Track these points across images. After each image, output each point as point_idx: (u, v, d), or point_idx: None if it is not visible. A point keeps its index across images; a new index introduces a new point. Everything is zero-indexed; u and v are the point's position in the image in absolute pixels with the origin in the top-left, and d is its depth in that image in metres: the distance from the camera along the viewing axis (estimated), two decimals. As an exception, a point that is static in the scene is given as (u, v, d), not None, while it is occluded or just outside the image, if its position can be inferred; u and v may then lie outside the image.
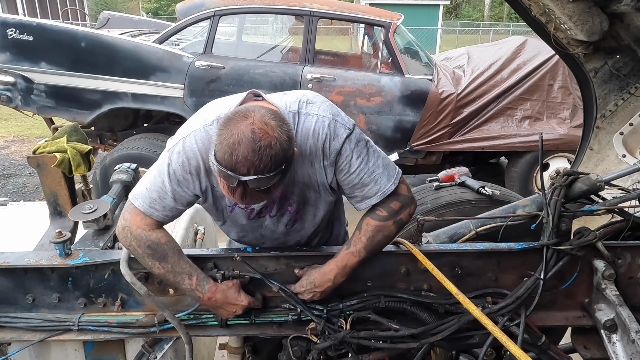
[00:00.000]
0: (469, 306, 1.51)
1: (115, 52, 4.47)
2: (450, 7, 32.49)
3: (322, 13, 4.61)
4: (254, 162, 1.22)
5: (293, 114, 1.43)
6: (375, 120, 4.63)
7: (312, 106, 1.46)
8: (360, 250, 1.53)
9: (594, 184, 1.74)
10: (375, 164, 1.48)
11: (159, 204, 1.46)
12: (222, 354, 2.72)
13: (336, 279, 1.56)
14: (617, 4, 1.83)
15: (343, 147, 1.43)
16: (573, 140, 4.53)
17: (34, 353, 1.75)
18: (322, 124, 1.43)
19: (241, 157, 1.21)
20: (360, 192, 1.50)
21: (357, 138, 1.46)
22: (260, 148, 1.21)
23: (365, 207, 1.53)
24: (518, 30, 21.71)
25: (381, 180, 1.49)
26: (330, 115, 1.44)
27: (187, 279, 1.51)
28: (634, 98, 2.19)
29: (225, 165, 1.23)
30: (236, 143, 1.21)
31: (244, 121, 1.23)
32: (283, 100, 1.47)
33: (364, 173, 1.47)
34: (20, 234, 2.10)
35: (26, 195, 5.72)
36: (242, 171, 1.23)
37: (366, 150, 1.47)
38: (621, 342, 1.57)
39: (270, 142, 1.22)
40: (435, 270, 1.58)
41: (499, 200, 2.32)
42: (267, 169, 1.23)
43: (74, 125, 2.14)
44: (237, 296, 1.57)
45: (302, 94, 1.51)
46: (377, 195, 1.49)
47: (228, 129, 1.24)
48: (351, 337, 1.61)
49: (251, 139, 1.21)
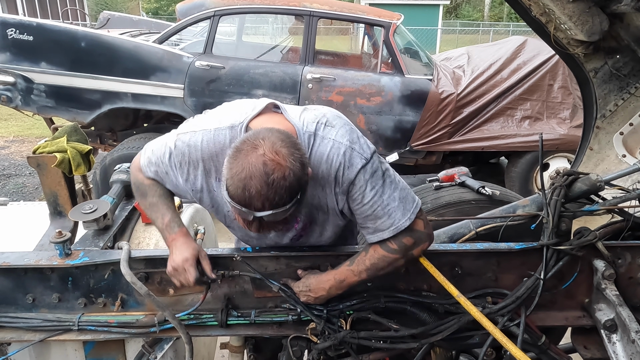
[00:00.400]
0: (470, 308, 1.51)
1: (115, 52, 4.46)
2: (450, 7, 32.49)
3: (322, 13, 4.61)
4: (268, 197, 1.17)
5: (309, 135, 1.38)
6: (375, 120, 4.63)
7: (329, 130, 1.39)
8: (362, 272, 1.50)
9: (594, 184, 1.74)
10: (391, 197, 1.41)
11: (153, 167, 1.53)
12: (222, 354, 2.72)
13: (331, 290, 1.54)
14: (617, 4, 1.83)
15: (357, 177, 1.37)
16: (573, 140, 4.53)
17: (34, 353, 1.75)
18: (337, 150, 1.37)
19: (254, 192, 1.17)
20: (372, 223, 1.44)
21: (374, 168, 1.39)
22: (273, 181, 1.16)
23: (376, 240, 1.46)
24: (518, 30, 21.70)
25: (395, 214, 1.41)
26: (348, 142, 1.38)
27: (160, 217, 1.56)
28: (634, 98, 2.19)
29: (238, 201, 1.20)
30: (248, 178, 1.16)
31: (254, 152, 1.18)
32: (302, 117, 1.42)
33: (378, 205, 1.40)
34: (20, 234, 2.10)
35: (26, 195, 5.72)
36: (256, 206, 1.19)
37: (382, 181, 1.40)
38: (621, 342, 1.57)
39: (283, 173, 1.17)
40: (437, 273, 1.57)
41: (499, 200, 2.32)
42: (282, 201, 1.19)
43: (74, 125, 2.14)
44: (188, 264, 1.48)
45: (322, 113, 1.44)
46: (390, 229, 1.42)
47: (238, 162, 1.19)
48: (351, 338, 1.61)
49: (263, 172, 1.16)
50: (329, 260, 1.64)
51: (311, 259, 1.64)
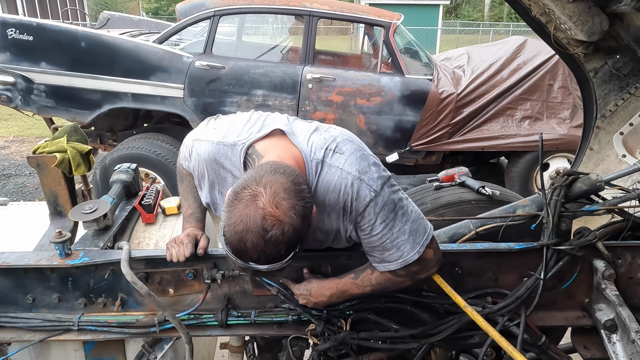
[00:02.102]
0: (477, 318, 1.49)
1: (115, 52, 4.46)
2: (450, 7, 32.48)
3: (322, 13, 4.61)
4: (264, 251, 1.14)
5: (316, 162, 1.33)
6: (375, 120, 4.63)
7: (338, 157, 1.34)
8: (366, 288, 1.49)
9: (594, 184, 1.74)
10: (401, 230, 1.36)
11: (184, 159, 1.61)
12: (222, 354, 2.72)
13: (331, 298, 1.53)
14: (617, 4, 1.83)
15: (366, 210, 1.33)
16: (573, 140, 4.53)
17: (34, 353, 1.75)
18: (344, 181, 1.32)
19: (251, 246, 1.13)
20: (379, 254, 1.40)
21: (384, 201, 1.34)
22: (271, 238, 1.12)
23: (383, 270, 1.43)
24: (518, 30, 21.70)
25: (404, 247, 1.37)
26: (357, 172, 1.32)
27: (185, 207, 1.70)
28: (634, 98, 2.19)
29: (234, 251, 1.17)
30: (245, 231, 1.12)
31: (253, 205, 1.12)
32: (310, 142, 1.37)
33: (387, 238, 1.36)
34: (20, 234, 2.10)
35: (26, 195, 5.72)
36: (252, 259, 1.16)
37: (393, 214, 1.35)
38: (621, 342, 1.57)
39: (282, 228, 1.12)
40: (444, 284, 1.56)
41: (499, 200, 2.32)
42: (278, 256, 1.16)
43: (74, 125, 2.14)
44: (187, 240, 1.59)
45: (332, 137, 1.38)
46: (398, 262, 1.39)
47: (237, 212, 1.13)
48: (351, 338, 1.61)
49: (261, 227, 1.11)
50: (329, 260, 1.64)
51: (311, 259, 1.64)
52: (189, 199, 1.69)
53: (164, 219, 2.20)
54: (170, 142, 4.57)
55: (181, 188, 1.72)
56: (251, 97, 4.54)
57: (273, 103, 4.57)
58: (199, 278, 1.66)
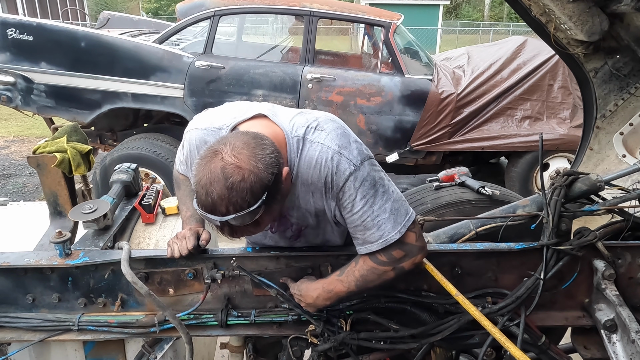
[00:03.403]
0: (469, 307, 1.51)
1: (115, 52, 4.46)
2: (450, 7, 32.48)
3: (322, 13, 4.61)
4: (230, 200, 1.17)
5: (297, 139, 1.37)
6: (375, 120, 4.63)
7: (319, 133, 1.37)
8: (350, 283, 1.47)
9: (594, 184, 1.74)
10: (382, 208, 1.36)
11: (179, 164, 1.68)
12: (222, 354, 2.72)
13: (318, 299, 1.52)
14: (617, 4, 1.83)
15: (346, 184, 1.34)
16: (573, 140, 4.53)
17: (34, 353, 1.75)
18: (325, 155, 1.34)
19: (216, 197, 1.17)
20: (361, 234, 1.41)
21: (364, 176, 1.35)
22: (232, 184, 1.16)
23: (365, 252, 1.43)
24: (518, 30, 21.71)
25: (385, 226, 1.37)
26: (337, 146, 1.34)
27: (184, 210, 1.73)
28: (634, 98, 2.19)
29: (204, 208, 1.21)
30: (209, 184, 1.17)
31: (215, 158, 1.19)
32: (292, 121, 1.41)
33: (367, 216, 1.36)
34: (20, 234, 2.10)
35: (26, 195, 5.72)
36: (221, 211, 1.19)
37: (373, 190, 1.36)
38: (621, 342, 1.57)
39: (243, 175, 1.17)
40: (435, 271, 1.58)
41: (499, 200, 2.32)
42: (245, 203, 1.18)
43: (74, 125, 2.14)
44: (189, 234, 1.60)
45: (315, 117, 1.42)
46: (379, 242, 1.38)
47: (201, 169, 1.20)
48: (351, 339, 1.61)
49: (222, 176, 1.16)
50: (328, 260, 1.64)
51: (311, 259, 1.64)
52: (186, 202, 1.71)
53: (164, 219, 2.21)
54: (170, 142, 4.58)
55: (179, 194, 1.75)
56: (251, 97, 4.54)
57: (273, 103, 4.56)
58: (199, 278, 1.66)
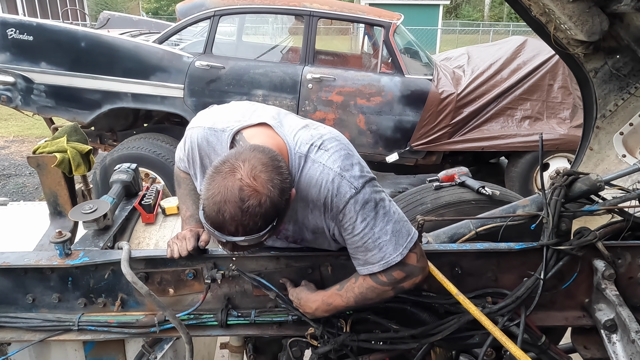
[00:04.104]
0: (469, 306, 1.51)
1: (115, 52, 4.46)
2: (450, 7, 32.49)
3: (322, 13, 4.61)
4: (242, 222, 1.15)
5: (299, 156, 1.36)
6: (375, 120, 4.63)
7: (322, 153, 1.35)
8: (349, 299, 1.47)
9: (594, 184, 1.74)
10: (383, 230, 1.35)
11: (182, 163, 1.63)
12: (222, 354, 2.72)
13: (317, 311, 1.52)
14: (617, 4, 1.83)
15: (346, 207, 1.33)
16: (573, 140, 4.53)
17: (34, 353, 1.75)
18: (326, 177, 1.33)
19: (228, 217, 1.15)
20: (362, 255, 1.39)
21: (365, 199, 1.33)
22: (248, 208, 1.14)
23: (366, 273, 1.41)
24: (518, 30, 21.70)
25: (387, 248, 1.36)
26: (338, 168, 1.33)
27: (184, 210, 1.72)
28: (634, 98, 2.19)
29: (212, 224, 1.19)
30: (223, 202, 1.14)
31: (232, 176, 1.15)
32: (297, 137, 1.39)
33: (368, 238, 1.35)
34: (20, 234, 2.10)
35: (26, 195, 5.72)
36: (229, 231, 1.17)
37: (374, 213, 1.35)
38: (621, 342, 1.57)
39: (259, 199, 1.15)
40: (435, 271, 1.58)
41: (499, 200, 2.32)
42: (256, 227, 1.17)
43: (74, 125, 2.14)
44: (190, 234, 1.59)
45: (320, 134, 1.40)
46: (380, 263, 1.37)
47: (215, 184, 1.16)
48: (351, 340, 1.61)
49: (238, 197, 1.14)
50: (328, 260, 1.64)
51: (311, 259, 1.64)
52: (187, 202, 1.70)
53: (164, 219, 2.21)
54: (170, 142, 4.57)
55: (179, 192, 1.73)
56: (251, 97, 4.53)
57: (273, 103, 4.56)
58: (199, 278, 1.66)
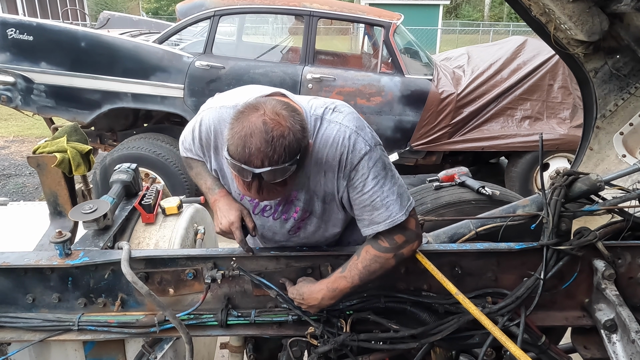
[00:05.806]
0: (469, 306, 1.51)
1: (115, 52, 4.47)
2: (450, 7, 32.48)
3: (322, 13, 4.61)
4: (267, 153, 1.20)
5: (315, 118, 1.41)
6: (375, 120, 4.63)
7: (336, 114, 1.43)
8: (354, 277, 1.49)
9: (594, 184, 1.74)
10: (391, 190, 1.42)
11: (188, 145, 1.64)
12: (222, 354, 2.72)
13: (323, 300, 1.52)
14: (617, 4, 1.83)
15: (360, 163, 1.39)
16: (573, 140, 4.53)
17: (34, 353, 1.75)
18: (343, 134, 1.39)
19: (254, 149, 1.20)
20: (369, 215, 1.44)
21: (377, 158, 1.41)
22: (272, 138, 1.19)
23: (371, 233, 1.46)
24: (518, 30, 21.70)
25: (393, 207, 1.41)
26: (354, 127, 1.40)
27: (203, 183, 1.68)
28: (634, 98, 2.19)
29: (238, 158, 1.22)
30: (248, 135, 1.20)
31: (255, 113, 1.22)
32: (310, 103, 1.46)
33: (377, 196, 1.40)
34: (20, 234, 2.10)
35: (26, 195, 5.72)
36: (255, 163, 1.21)
37: (384, 172, 1.42)
38: (621, 342, 1.57)
39: (282, 132, 1.20)
40: (435, 270, 1.58)
41: (499, 200, 2.32)
42: (281, 159, 1.21)
43: (74, 125, 2.13)
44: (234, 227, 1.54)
45: (331, 101, 1.48)
46: (386, 222, 1.42)
47: (239, 122, 1.23)
48: (351, 340, 1.61)
49: (263, 129, 1.19)
50: (328, 260, 1.64)
51: (311, 259, 1.64)
52: (204, 175, 1.69)
53: (164, 219, 2.20)
54: (170, 142, 4.58)
55: (193, 172, 1.73)
56: (251, 97, 4.53)
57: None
58: (199, 278, 1.66)
